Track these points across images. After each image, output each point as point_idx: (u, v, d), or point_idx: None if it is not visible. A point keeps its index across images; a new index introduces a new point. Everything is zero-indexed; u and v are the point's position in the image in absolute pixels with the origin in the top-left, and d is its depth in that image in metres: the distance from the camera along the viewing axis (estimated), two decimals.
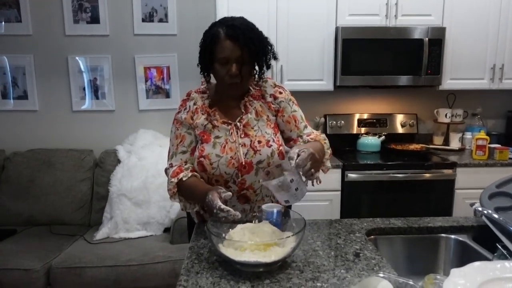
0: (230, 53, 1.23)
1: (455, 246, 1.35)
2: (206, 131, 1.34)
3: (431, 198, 2.58)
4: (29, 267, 2.09)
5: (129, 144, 2.81)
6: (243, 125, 1.34)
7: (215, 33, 1.24)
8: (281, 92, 1.40)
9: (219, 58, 1.25)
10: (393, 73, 2.70)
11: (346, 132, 3.04)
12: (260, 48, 1.27)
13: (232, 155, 1.31)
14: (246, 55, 1.25)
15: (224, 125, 1.34)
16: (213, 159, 1.30)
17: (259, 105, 1.38)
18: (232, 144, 1.32)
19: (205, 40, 1.27)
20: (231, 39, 1.22)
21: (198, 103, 1.37)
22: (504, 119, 3.17)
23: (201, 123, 1.34)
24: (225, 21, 1.27)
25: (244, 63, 1.26)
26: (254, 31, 1.27)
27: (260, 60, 1.29)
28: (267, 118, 1.38)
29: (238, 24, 1.24)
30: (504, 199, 1.30)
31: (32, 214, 2.63)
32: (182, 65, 2.97)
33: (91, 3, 2.85)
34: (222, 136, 1.33)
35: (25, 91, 2.94)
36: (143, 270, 2.12)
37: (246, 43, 1.23)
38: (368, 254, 1.13)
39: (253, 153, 1.32)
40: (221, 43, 1.23)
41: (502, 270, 0.67)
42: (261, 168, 1.32)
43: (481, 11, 2.70)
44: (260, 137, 1.34)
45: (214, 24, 1.29)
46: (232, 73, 1.25)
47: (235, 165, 1.31)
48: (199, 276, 1.01)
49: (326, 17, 2.66)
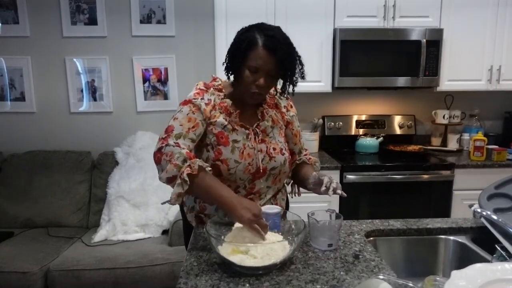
0: (263, 64, 1.20)
1: (454, 247, 1.35)
2: (224, 132, 1.29)
3: (430, 199, 2.58)
4: (27, 270, 2.07)
5: (127, 145, 2.81)
6: (260, 131, 1.34)
7: (253, 39, 1.20)
8: (291, 106, 1.48)
9: (251, 65, 1.21)
10: (391, 74, 2.70)
11: (344, 133, 3.05)
12: (292, 67, 1.24)
13: (249, 161, 1.29)
14: (278, 69, 1.23)
15: (243, 128, 1.31)
16: (232, 164, 1.27)
17: (273, 113, 1.39)
18: (250, 150, 1.30)
19: (240, 43, 1.22)
20: (269, 50, 1.19)
21: (216, 100, 1.31)
22: (502, 120, 3.18)
23: (220, 122, 1.28)
24: (264, 29, 1.22)
25: (273, 76, 1.24)
26: (291, 48, 1.23)
27: (289, 78, 1.27)
28: (280, 127, 1.41)
29: (278, 36, 1.20)
30: (502, 200, 1.30)
31: (29, 217, 2.62)
32: (180, 66, 2.97)
33: (88, 5, 2.85)
34: (240, 140, 1.30)
35: (22, 92, 2.93)
36: (142, 273, 2.11)
37: (282, 59, 1.20)
38: (368, 256, 1.13)
39: (269, 159, 1.32)
40: (257, 51, 1.19)
41: (503, 272, 0.67)
42: (272, 175, 1.34)
43: (479, 12, 2.71)
44: (274, 144, 1.36)
45: (252, 28, 1.24)
46: (260, 84, 1.22)
47: (251, 171, 1.30)
48: (198, 278, 1.01)
49: (324, 18, 2.66)
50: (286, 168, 1.38)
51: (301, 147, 1.52)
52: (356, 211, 2.56)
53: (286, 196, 1.54)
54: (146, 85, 2.98)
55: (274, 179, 1.36)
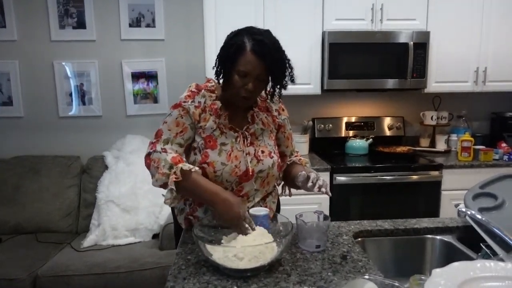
0: (252, 68, 1.20)
1: (440, 246, 1.37)
2: (212, 136, 1.30)
3: (419, 199, 2.61)
4: (15, 277, 2.05)
5: (117, 149, 2.79)
6: (249, 134, 1.34)
7: (241, 43, 1.19)
8: (283, 109, 1.48)
9: (239, 70, 1.20)
10: (380, 76, 2.73)
11: (334, 135, 3.07)
12: (281, 71, 1.25)
13: (236, 163, 1.29)
14: (267, 74, 1.24)
15: (232, 131, 1.32)
16: (218, 167, 1.27)
17: (264, 117, 1.39)
18: (238, 152, 1.30)
19: (228, 47, 1.22)
20: (257, 55, 1.19)
21: (207, 102, 1.31)
22: (488, 120, 3.23)
23: (210, 126, 1.29)
24: (253, 33, 1.22)
25: (262, 80, 1.25)
26: (280, 52, 1.23)
27: (279, 82, 1.27)
28: (270, 130, 1.41)
29: (267, 41, 1.20)
30: (487, 200, 1.32)
31: (17, 222, 2.58)
32: (170, 70, 2.96)
33: (77, 8, 2.83)
34: (228, 143, 1.30)
35: (9, 97, 2.89)
36: (132, 277, 2.10)
37: (271, 63, 1.20)
38: (355, 257, 1.14)
39: (256, 162, 1.32)
40: (245, 56, 1.19)
41: (482, 269, 0.69)
42: (260, 178, 1.34)
43: (465, 15, 2.75)
44: (263, 148, 1.36)
45: (241, 32, 1.24)
46: (249, 88, 1.22)
47: (238, 174, 1.30)
48: (186, 281, 1.01)
49: (313, 21, 2.68)
50: (274, 171, 1.38)
51: (293, 149, 1.53)
52: (346, 213, 2.58)
53: (277, 199, 1.55)
54: (135, 89, 2.97)
55: (262, 182, 1.36)
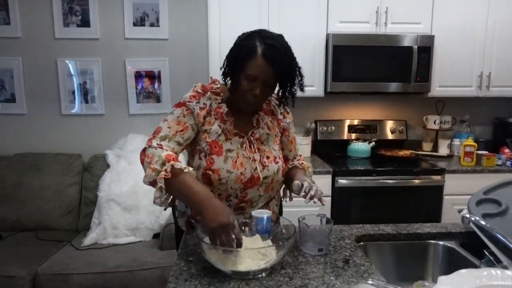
0: (260, 73, 1.17)
1: (443, 252, 1.36)
2: (217, 141, 1.26)
3: (420, 204, 2.60)
4: (14, 274, 2.04)
5: (119, 148, 2.79)
6: (255, 139, 1.32)
7: (252, 46, 1.16)
8: (288, 113, 1.46)
9: (248, 74, 1.17)
10: (383, 80, 2.73)
11: (336, 138, 3.06)
12: (290, 78, 1.22)
13: (242, 170, 1.27)
14: (275, 80, 1.21)
15: (237, 137, 1.29)
16: (223, 174, 1.24)
17: (269, 120, 1.37)
18: (244, 159, 1.28)
19: (239, 50, 1.19)
20: (267, 60, 1.15)
21: (212, 105, 1.28)
22: (492, 126, 3.22)
23: (215, 130, 1.26)
24: (265, 36, 1.19)
25: (269, 86, 1.22)
26: (291, 58, 1.21)
27: (286, 89, 1.25)
28: (275, 135, 1.38)
29: (278, 46, 1.17)
30: (491, 206, 1.31)
31: (18, 219, 2.58)
32: (173, 69, 2.96)
33: (81, 6, 2.83)
34: (234, 149, 1.27)
35: (12, 94, 2.89)
36: (132, 277, 2.09)
37: (279, 69, 1.17)
38: (358, 261, 1.13)
39: (262, 168, 1.30)
40: (255, 59, 1.16)
41: (489, 277, 0.68)
42: (264, 183, 1.32)
43: (469, 20, 2.74)
44: (268, 153, 1.33)
45: (253, 34, 1.20)
46: (255, 93, 1.20)
47: (243, 181, 1.27)
48: (188, 283, 1.00)
49: (317, 24, 2.68)
50: (279, 177, 1.36)
51: (296, 153, 1.51)
52: (347, 216, 2.57)
53: (280, 202, 1.54)
54: (138, 88, 2.97)
55: (267, 188, 1.34)
